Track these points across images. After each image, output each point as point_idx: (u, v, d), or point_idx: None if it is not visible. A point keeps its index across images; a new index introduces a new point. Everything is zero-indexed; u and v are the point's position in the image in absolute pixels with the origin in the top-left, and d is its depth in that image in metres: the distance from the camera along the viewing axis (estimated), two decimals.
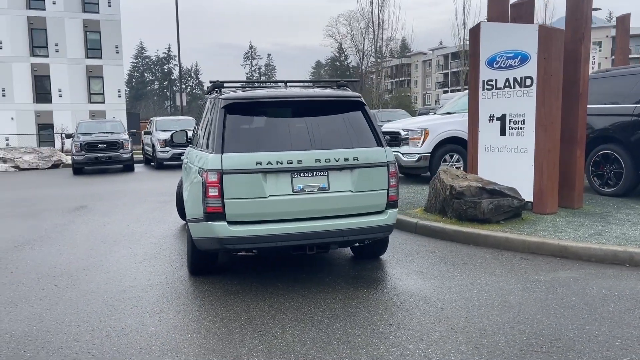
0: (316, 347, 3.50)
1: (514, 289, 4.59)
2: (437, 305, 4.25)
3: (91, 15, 37.82)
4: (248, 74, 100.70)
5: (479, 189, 6.81)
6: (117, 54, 38.72)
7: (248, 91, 5.08)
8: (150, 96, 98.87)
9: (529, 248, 5.77)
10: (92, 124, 20.49)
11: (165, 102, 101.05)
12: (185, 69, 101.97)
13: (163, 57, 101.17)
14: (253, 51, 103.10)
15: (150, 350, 3.52)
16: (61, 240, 7.06)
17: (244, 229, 4.41)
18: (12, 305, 4.48)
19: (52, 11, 37.09)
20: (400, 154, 10.70)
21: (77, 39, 37.58)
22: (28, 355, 3.48)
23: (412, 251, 5.98)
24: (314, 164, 4.50)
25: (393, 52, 76.46)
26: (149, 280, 5.11)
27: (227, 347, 3.55)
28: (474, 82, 7.94)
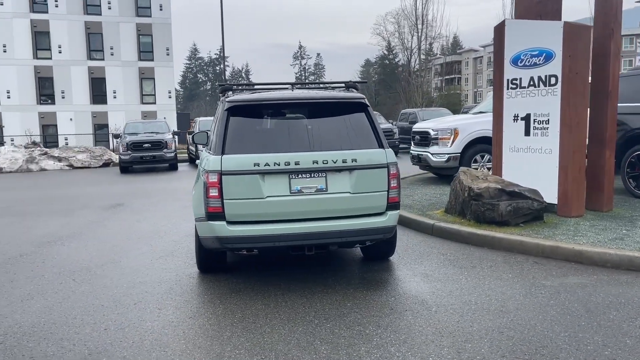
0: (299, 347, 3.56)
1: (516, 294, 4.49)
2: (431, 308, 4.22)
3: (144, 19, 39.14)
4: (297, 73, 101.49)
5: (498, 191, 6.67)
6: (168, 56, 39.91)
7: (253, 94, 5.19)
8: (202, 97, 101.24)
9: (543, 252, 5.62)
10: (139, 124, 21.24)
11: (217, 102, 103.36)
12: (236, 69, 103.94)
13: (215, 58, 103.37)
14: (302, 51, 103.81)
15: (141, 344, 3.67)
16: (91, 236, 7.40)
17: (243, 229, 4.52)
18: (29, 297, 4.77)
19: (107, 16, 38.63)
20: (429, 154, 10.59)
21: (130, 42, 38.99)
22: (30, 346, 3.70)
23: (423, 253, 5.94)
24: (312, 165, 4.55)
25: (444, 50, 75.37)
26: (159, 276, 5.31)
27: (213, 344, 3.66)
28: (499, 82, 7.77)
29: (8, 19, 36.93)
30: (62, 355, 3.53)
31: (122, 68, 38.71)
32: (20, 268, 5.79)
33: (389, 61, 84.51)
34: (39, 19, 37.58)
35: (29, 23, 37.49)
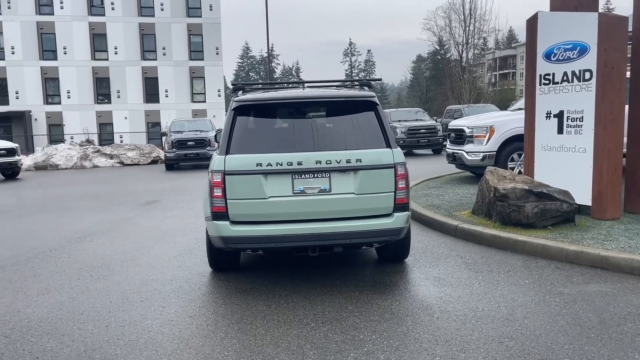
0: (288, 350, 3.51)
1: (528, 302, 4.27)
2: (434, 314, 4.07)
3: (194, 20, 40.07)
4: (347, 70, 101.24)
5: (525, 192, 6.38)
6: (217, 55, 40.68)
7: (261, 93, 5.16)
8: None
9: (567, 257, 5.33)
10: (184, 122, 21.71)
11: None
12: (286, 67, 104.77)
13: (266, 56, 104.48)
14: (352, 48, 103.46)
15: (136, 342, 3.72)
16: (119, 233, 7.61)
17: (246, 229, 4.51)
18: (46, 292, 4.94)
19: (160, 17, 39.79)
20: (464, 152, 10.30)
21: (181, 42, 40.01)
22: (32, 340, 3.82)
23: (441, 255, 5.76)
24: (315, 165, 4.49)
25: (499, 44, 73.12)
26: (172, 274, 5.38)
27: (205, 344, 3.66)
28: (531, 77, 7.43)
29: (68, 22, 38.65)
30: (59, 351, 3.62)
31: (174, 68, 39.78)
32: (46, 263, 6.01)
33: (441, 56, 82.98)
34: (97, 21, 39.13)
35: (87, 26, 39.12)
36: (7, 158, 18.27)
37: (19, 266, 5.90)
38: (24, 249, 6.74)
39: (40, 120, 38.98)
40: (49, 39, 38.73)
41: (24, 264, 6.00)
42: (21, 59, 38.51)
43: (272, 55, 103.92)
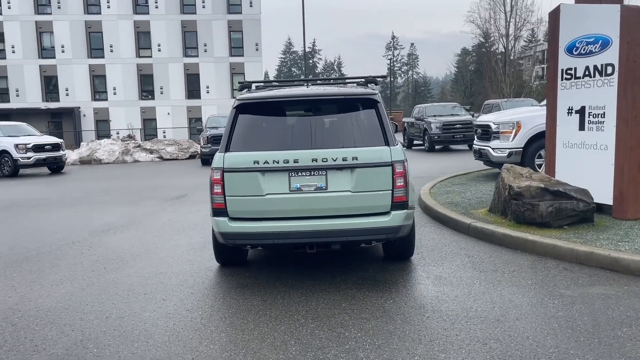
0: (271, 346, 3.58)
1: (525, 303, 4.19)
2: (425, 314, 4.06)
3: (235, 16, 40.61)
4: (389, 64, 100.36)
5: (541, 190, 6.23)
6: (257, 51, 41.11)
7: (263, 91, 5.22)
8: None
9: (577, 258, 5.18)
10: (220, 118, 22.07)
11: None
12: (328, 62, 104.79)
13: (308, 51, 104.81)
14: (395, 41, 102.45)
15: (130, 334, 3.86)
16: (142, 227, 7.86)
17: (243, 226, 4.60)
18: (59, 283, 5.17)
19: (202, 14, 40.51)
20: (490, 148, 10.10)
21: (222, 39, 40.63)
22: (36, 329, 4.03)
23: (448, 254, 5.70)
24: (311, 163, 4.52)
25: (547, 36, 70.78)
26: (181, 268, 5.53)
27: (194, 337, 3.77)
28: (553, 72, 7.22)
29: (114, 20, 39.85)
30: (57, 340, 3.80)
31: (215, 64, 40.46)
32: (67, 254, 6.29)
33: (486, 49, 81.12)
34: (141, 19, 40.19)
35: (132, 24, 40.23)
36: (52, 153, 19.08)
37: (41, 257, 6.19)
38: (50, 241, 7.06)
39: (88, 116, 40.43)
40: (96, 37, 40.08)
41: (46, 255, 6.29)
42: (71, 57, 40.01)
43: (314, 50, 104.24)
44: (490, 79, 40.97)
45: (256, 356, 3.44)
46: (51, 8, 39.76)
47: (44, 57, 40.14)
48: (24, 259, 6.13)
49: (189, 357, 3.44)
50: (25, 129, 20.45)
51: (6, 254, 6.43)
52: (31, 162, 18.40)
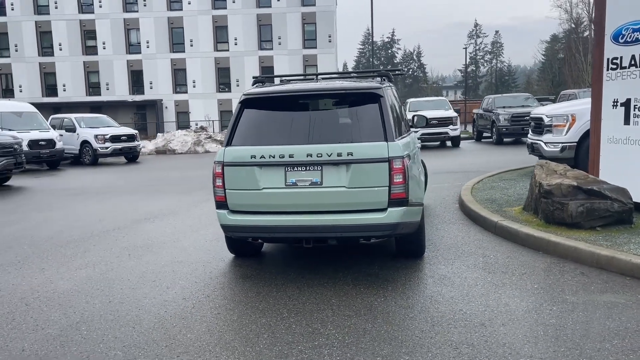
0: (243, 339, 3.65)
1: (520, 308, 3.98)
2: (410, 314, 3.97)
3: (308, 8, 40.93)
4: (471, 53, 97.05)
5: (573, 188, 5.86)
6: (330, 42, 41.22)
7: (272, 86, 5.27)
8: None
9: (598, 262, 4.83)
10: None
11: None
12: (407, 52, 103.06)
13: (387, 41, 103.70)
14: (478, 29, 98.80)
15: (122, 319, 4.08)
16: (181, 216, 8.21)
17: (241, 219, 4.70)
18: (84, 267, 5.54)
19: (276, 7, 41.20)
20: (542, 142, 9.58)
21: (296, 31, 41.13)
22: (44, 310, 4.35)
23: (464, 253, 5.51)
24: (306, 158, 4.53)
25: None
26: (198, 257, 5.74)
27: (177, 325, 3.92)
28: (598, 61, 6.74)
29: (194, 16, 41.44)
30: (57, 321, 4.09)
31: (288, 57, 41.05)
32: (102, 241, 6.70)
33: (577, 35, 76.29)
34: (219, 14, 41.50)
35: (210, 19, 41.65)
36: (128, 143, 20.27)
37: (80, 242, 6.64)
38: (95, 227, 7.55)
39: (170, 108, 42.42)
40: (177, 33, 41.88)
41: (85, 241, 6.74)
42: (154, 52, 42.11)
43: (393, 40, 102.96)
44: (570, 67, 38.52)
45: (226, 347, 3.53)
46: (138, 6, 41.99)
47: (130, 52, 42.53)
48: (64, 244, 6.61)
49: (163, 345, 3.59)
50: (105, 120, 21.84)
51: (53, 238, 6.96)
52: (108, 152, 19.65)
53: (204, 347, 3.54)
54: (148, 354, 3.46)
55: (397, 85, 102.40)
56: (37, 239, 6.91)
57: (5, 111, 18.36)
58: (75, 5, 42.24)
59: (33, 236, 7.11)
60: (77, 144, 19.99)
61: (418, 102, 22.18)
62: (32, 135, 17.64)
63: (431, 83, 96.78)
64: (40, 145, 17.72)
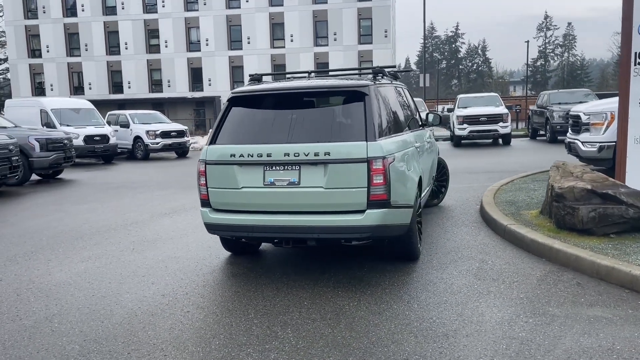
0: (200, 339, 3.65)
1: (494, 319, 3.76)
2: (376, 321, 3.83)
3: (364, 4, 40.62)
4: (540, 46, 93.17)
5: (587, 192, 5.48)
6: (386, 37, 40.74)
7: (261, 84, 5.22)
8: (437, 75, 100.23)
9: (598, 272, 4.49)
10: None
11: (452, 80, 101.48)
12: (472, 46, 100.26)
13: (451, 35, 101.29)
14: (548, 21, 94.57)
15: (95, 313, 4.18)
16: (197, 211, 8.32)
17: (221, 217, 4.71)
18: (86, 260, 5.73)
19: (333, 3, 41.15)
20: (579, 142, 9.03)
21: (351, 27, 40.93)
22: (32, 300, 4.53)
23: (462, 258, 5.27)
24: (283, 158, 4.46)
25: None
26: (195, 254, 5.81)
27: (143, 321, 3.97)
28: (626, 56, 6.25)
29: (252, 13, 42.12)
30: (36, 312, 4.24)
31: (344, 52, 40.94)
32: (116, 234, 6.92)
33: None
34: (276, 11, 41.98)
35: (267, 16, 42.18)
36: (177, 139, 20.89)
37: (93, 236, 6.89)
38: (115, 221, 7.81)
39: None
40: (236, 30, 42.73)
41: (99, 234, 6.99)
42: (213, 50, 43.17)
43: (456, 34, 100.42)
44: None
45: (178, 346, 3.54)
46: (198, 5, 43.15)
47: (191, 50, 43.80)
48: (80, 236, 6.88)
49: (120, 340, 3.65)
50: (158, 116, 22.60)
51: (72, 230, 7.26)
52: (159, 147, 20.32)
53: (157, 344, 3.56)
54: (103, 349, 3.53)
55: (460, 80, 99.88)
56: (58, 231, 7.23)
57: (64, 108, 19.39)
58: (140, 5, 43.95)
59: (55, 228, 7.45)
60: (130, 139, 20.81)
61: (467, 98, 21.49)
62: (87, 131, 18.52)
63: (496, 78, 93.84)
64: (95, 140, 18.56)
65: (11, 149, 11.35)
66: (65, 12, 45.16)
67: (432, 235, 6.22)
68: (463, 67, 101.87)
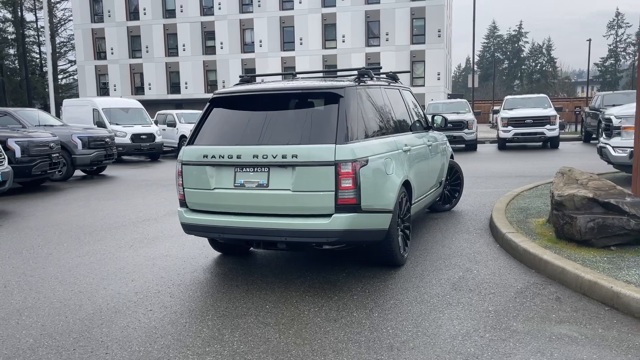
0: (148, 339, 3.68)
1: (450, 332, 3.59)
2: (328, 328, 3.74)
3: (418, 3, 40.02)
4: (611, 45, 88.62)
5: (588, 201, 5.15)
6: (439, 37, 39.96)
7: (244, 85, 5.21)
8: (499, 76, 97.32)
9: (581, 287, 4.20)
10: (439, 104, 21.42)
11: (514, 81, 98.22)
12: (535, 45, 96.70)
13: (514, 34, 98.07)
14: (620, 18, 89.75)
15: (65, 308, 4.30)
16: None
17: (196, 217, 4.74)
18: (83, 255, 5.92)
19: (385, 3, 40.79)
20: (609, 146, 8.50)
21: (404, 27, 40.43)
22: (14, 294, 4.71)
23: (448, 266, 5.07)
24: (252, 159, 4.44)
25: None
26: (187, 252, 5.89)
27: (105, 317, 4.05)
28: None
29: (304, 15, 42.41)
30: (12, 304, 4.41)
31: (395, 52, 40.51)
32: (123, 231, 7.12)
33: None
34: (328, 12, 42.08)
35: (320, 17, 42.36)
36: None
37: (102, 232, 7.12)
38: (129, 218, 8.04)
39: None
40: (288, 31, 43.17)
41: (108, 230, 7.21)
42: (266, 51, 43.79)
43: (520, 33, 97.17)
44: None
45: (123, 345, 3.57)
46: (252, 7, 43.90)
47: (245, 51, 44.62)
48: (90, 232, 7.13)
49: (73, 336, 3.73)
50: None
51: (87, 226, 7.53)
52: None
53: (105, 342, 3.62)
54: (53, 343, 3.62)
55: (522, 80, 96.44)
56: (72, 226, 7.52)
57: (114, 107, 20.22)
58: (198, 8, 45.20)
59: (72, 223, 7.76)
60: (176, 138, 21.43)
61: (514, 99, 20.71)
62: (135, 130, 19.22)
63: (562, 78, 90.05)
64: (141, 138, 19.24)
65: (52, 146, 11.93)
66: (128, 15, 47.10)
67: (428, 242, 6.02)
68: (526, 67, 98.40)
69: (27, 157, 11.18)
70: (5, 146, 10.77)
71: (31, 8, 56.25)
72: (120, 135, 18.79)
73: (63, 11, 58.79)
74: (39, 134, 11.99)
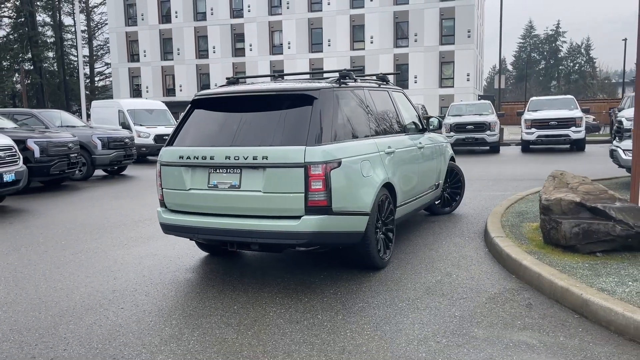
0: (109, 338, 3.75)
1: (405, 337, 3.54)
2: (287, 330, 3.74)
3: (447, 4, 39.55)
4: None
5: (575, 205, 5.01)
6: (469, 38, 39.40)
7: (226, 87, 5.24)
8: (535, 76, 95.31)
9: (554, 294, 4.08)
10: (462, 106, 21.31)
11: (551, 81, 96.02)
12: (574, 44, 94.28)
13: (551, 34, 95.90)
14: None
15: (40, 304, 4.41)
16: None
17: (173, 218, 4.80)
18: (78, 252, 6.07)
19: (414, 4, 40.47)
20: (620, 149, 8.24)
21: (433, 27, 40.01)
22: (11, 285, 4.88)
23: (429, 270, 5.00)
24: (224, 160, 4.47)
25: None
26: (177, 252, 5.96)
27: (74, 314, 4.14)
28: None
29: (333, 16, 42.47)
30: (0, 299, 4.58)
31: (424, 53, 40.15)
32: (122, 230, 7.26)
33: None
34: (356, 13, 42.03)
35: (348, 19, 42.37)
36: None
37: (103, 230, 7.28)
38: (133, 217, 8.20)
39: None
40: (316, 33, 43.29)
41: (109, 229, 7.37)
42: (294, 53, 44.01)
43: (558, 33, 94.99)
44: None
45: (82, 343, 3.64)
46: (281, 8, 44.19)
47: (273, 53, 44.94)
48: (91, 230, 7.30)
49: (39, 332, 3.82)
50: None
51: (90, 224, 7.71)
52: None
53: (67, 338, 3.70)
54: (18, 338, 3.73)
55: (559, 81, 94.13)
56: (76, 225, 7.72)
57: (139, 108, 20.67)
58: (228, 10, 45.78)
59: (77, 221, 7.96)
60: None
61: (539, 100, 20.20)
62: (158, 131, 19.59)
63: (601, 79, 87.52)
64: (164, 139, 19.55)
65: (70, 146, 12.26)
66: (160, 18, 48.06)
67: (418, 244, 5.95)
68: (563, 67, 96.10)
69: (46, 157, 11.51)
70: (25, 146, 11.14)
71: (70, 12, 58.01)
72: (143, 136, 19.21)
73: (100, 15, 60.50)
74: (58, 135, 12.33)
